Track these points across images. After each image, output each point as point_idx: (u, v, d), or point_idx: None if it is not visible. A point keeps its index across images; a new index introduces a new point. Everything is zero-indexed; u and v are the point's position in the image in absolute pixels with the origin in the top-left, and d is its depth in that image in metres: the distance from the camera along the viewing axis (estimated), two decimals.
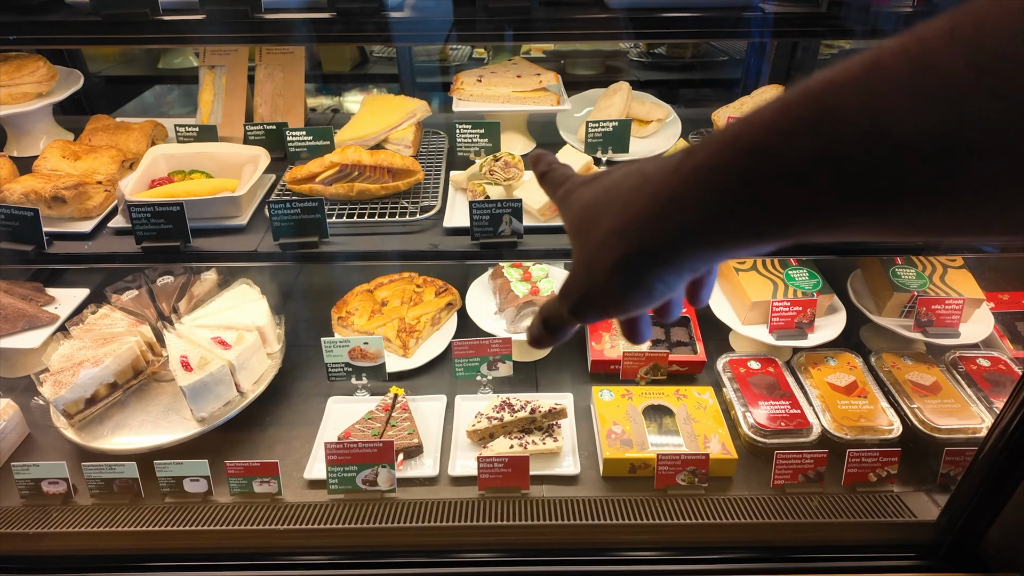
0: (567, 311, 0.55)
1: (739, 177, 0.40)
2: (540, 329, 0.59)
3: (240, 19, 1.35)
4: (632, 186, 0.49)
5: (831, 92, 0.35)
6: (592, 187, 0.54)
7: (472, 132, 1.79)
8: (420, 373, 2.02)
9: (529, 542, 1.60)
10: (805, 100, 0.36)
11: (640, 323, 0.59)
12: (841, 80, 0.35)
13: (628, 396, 1.82)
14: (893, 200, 0.34)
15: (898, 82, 0.32)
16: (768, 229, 0.41)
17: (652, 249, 0.47)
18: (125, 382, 1.81)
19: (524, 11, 1.36)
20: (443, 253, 1.53)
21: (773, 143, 0.38)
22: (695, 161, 0.43)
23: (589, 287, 0.52)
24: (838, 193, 0.36)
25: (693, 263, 0.47)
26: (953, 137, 0.31)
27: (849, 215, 0.37)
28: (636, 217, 0.47)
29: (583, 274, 0.52)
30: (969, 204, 0.33)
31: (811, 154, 0.36)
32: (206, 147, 1.78)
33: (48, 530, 1.57)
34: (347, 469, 1.61)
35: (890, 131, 0.33)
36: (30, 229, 1.50)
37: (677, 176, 0.44)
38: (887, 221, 0.36)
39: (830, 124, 0.35)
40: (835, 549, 1.59)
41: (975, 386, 1.81)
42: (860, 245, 1.53)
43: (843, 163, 0.35)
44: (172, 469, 1.60)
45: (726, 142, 0.41)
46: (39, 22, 1.38)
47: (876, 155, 0.33)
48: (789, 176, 0.38)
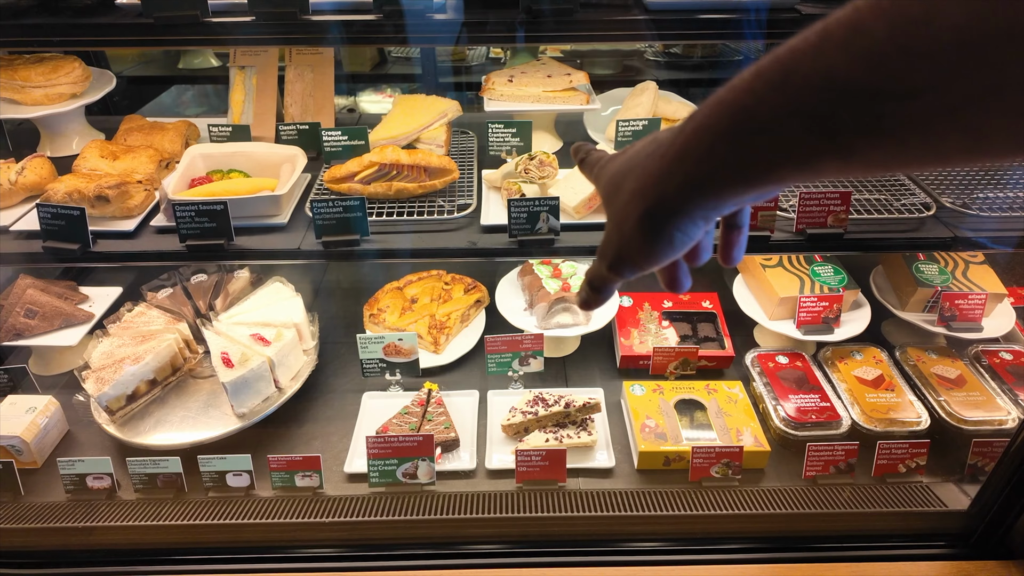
0: (606, 268, 0.62)
1: (726, 133, 0.48)
2: (587, 290, 0.67)
3: (288, 20, 1.38)
4: (648, 152, 0.57)
5: (793, 57, 0.42)
6: (618, 160, 0.62)
7: (504, 131, 1.81)
8: (450, 369, 2.05)
9: (568, 533, 1.63)
10: (773, 64, 0.44)
11: (678, 271, 0.66)
12: (800, 46, 0.42)
13: (659, 391, 1.85)
14: (845, 138, 0.42)
15: (840, 45, 0.39)
16: (755, 174, 0.48)
17: (667, 202, 0.54)
18: (164, 379, 1.84)
19: (568, 13, 1.39)
20: (482, 250, 1.56)
21: (750, 103, 0.45)
22: (694, 123, 0.50)
23: (621, 243, 0.59)
24: (805, 138, 0.43)
25: (703, 211, 0.53)
26: (877, 86, 0.38)
27: (816, 155, 0.44)
28: (652, 176, 0.55)
29: (615, 233, 0.59)
30: (901, 139, 0.40)
31: (780, 108, 0.44)
32: (243, 147, 1.81)
33: (95, 524, 1.59)
34: (388, 463, 1.64)
35: (835, 84, 0.40)
36: (76, 228, 1.52)
37: (681, 137, 0.52)
38: (846, 158, 0.43)
39: (793, 83, 0.42)
40: (867, 538, 1.62)
41: (999, 379, 1.85)
42: (881, 242, 1.56)
43: (805, 113, 0.42)
44: (215, 464, 1.63)
45: (715, 104, 0.48)
46: (90, 24, 1.40)
47: (828, 104, 0.41)
48: (765, 128, 0.45)
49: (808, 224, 1.51)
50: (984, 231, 1.57)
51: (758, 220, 1.50)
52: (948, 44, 0.35)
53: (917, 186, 1.69)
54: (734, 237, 0.68)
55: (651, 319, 2.09)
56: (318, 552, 1.62)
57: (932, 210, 1.59)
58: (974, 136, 0.38)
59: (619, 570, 1.57)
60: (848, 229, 1.51)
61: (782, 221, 1.55)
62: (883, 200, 1.64)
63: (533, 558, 1.61)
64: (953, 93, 0.36)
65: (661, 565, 1.58)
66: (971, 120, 0.37)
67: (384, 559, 1.61)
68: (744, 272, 2.12)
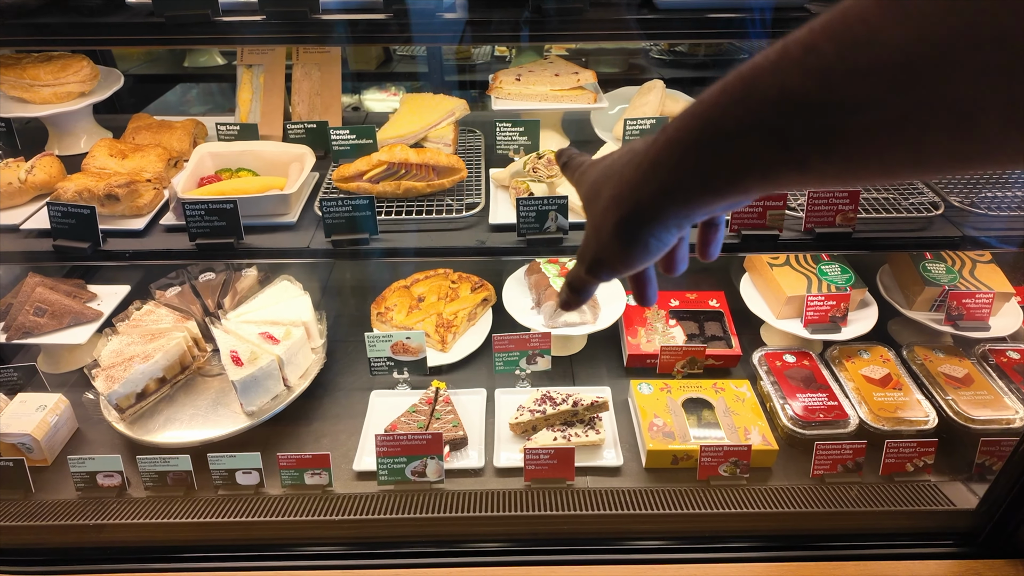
0: (584, 271, 0.64)
1: (694, 145, 0.50)
2: (567, 292, 0.70)
3: (299, 20, 1.38)
4: (625, 161, 0.59)
5: (754, 73, 0.45)
6: (598, 166, 0.64)
7: (512, 130, 1.82)
8: (457, 367, 2.06)
9: (576, 531, 1.64)
10: (736, 80, 0.46)
11: (647, 287, 0.71)
12: (761, 63, 0.44)
13: (667, 389, 1.85)
14: (800, 151, 0.44)
15: (795, 62, 0.42)
16: (720, 185, 0.50)
17: (641, 210, 0.55)
18: (173, 377, 1.84)
19: (577, 12, 1.39)
20: (491, 249, 1.57)
21: (716, 116, 0.48)
22: (666, 134, 0.52)
23: (598, 248, 0.61)
24: (764, 151, 0.45)
25: (676, 219, 0.55)
26: (827, 101, 0.41)
27: (774, 167, 0.46)
28: (628, 184, 0.56)
29: (593, 238, 0.61)
30: (849, 152, 0.42)
31: (742, 121, 0.46)
32: (252, 145, 1.81)
33: (106, 521, 1.60)
34: (397, 461, 1.64)
35: (790, 99, 0.42)
36: (86, 226, 1.52)
37: (655, 147, 0.53)
38: (802, 170, 0.45)
39: (754, 97, 0.44)
40: (875, 537, 1.63)
41: (1006, 378, 1.85)
42: (889, 241, 1.57)
43: (764, 126, 0.44)
44: (225, 462, 1.64)
45: (686, 116, 0.50)
46: (101, 24, 1.40)
47: (784, 117, 0.43)
48: (728, 141, 0.47)
49: (817, 223, 1.52)
50: (992, 230, 1.57)
51: (767, 219, 1.50)
52: (888, 64, 0.38)
53: (925, 185, 1.70)
54: (711, 235, 0.71)
55: (658, 318, 2.10)
56: (327, 550, 1.63)
57: (940, 209, 1.59)
58: (915, 150, 0.40)
59: (627, 568, 1.58)
60: (856, 228, 1.51)
61: (791, 220, 1.55)
62: (891, 199, 1.64)
63: (541, 556, 1.61)
64: (893, 109, 0.39)
65: (669, 563, 1.59)
66: (911, 135, 0.39)
67: (393, 557, 1.62)
68: (751, 271, 2.12)
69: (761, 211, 1.49)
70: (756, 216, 1.50)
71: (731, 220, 1.50)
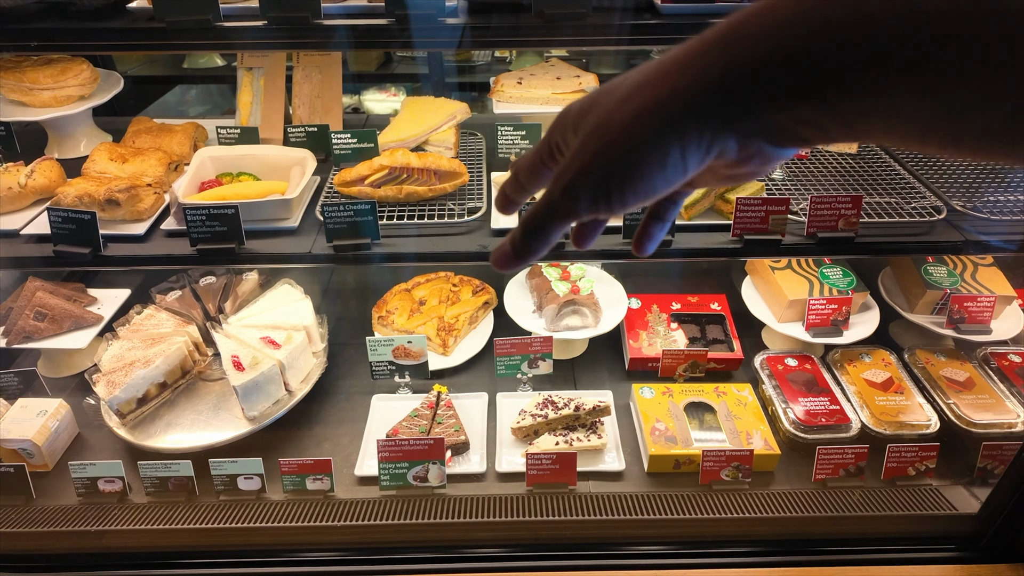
0: (559, 192, 0.47)
1: (817, 14, 0.39)
2: (517, 233, 0.51)
3: (301, 25, 1.38)
4: (644, 66, 0.46)
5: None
6: (587, 95, 0.50)
7: (514, 134, 1.81)
8: (459, 371, 2.05)
9: (578, 536, 1.63)
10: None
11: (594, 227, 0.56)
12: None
13: (668, 393, 1.85)
14: (957, 63, 0.35)
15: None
16: (821, 79, 0.39)
17: (685, 93, 0.42)
18: (174, 382, 1.84)
19: (580, 17, 1.39)
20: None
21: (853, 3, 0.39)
22: (757, 2, 0.42)
23: (595, 151, 0.45)
24: (913, 46, 0.36)
25: (721, 124, 0.43)
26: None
27: (902, 76, 0.37)
28: (669, 61, 0.44)
29: (592, 140, 0.46)
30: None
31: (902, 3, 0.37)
32: (252, 149, 1.81)
33: (107, 527, 1.60)
34: (399, 466, 1.64)
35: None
36: (87, 232, 1.52)
37: (740, 12, 0.42)
38: (935, 97, 0.37)
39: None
40: (877, 541, 1.63)
41: (1007, 381, 1.85)
42: (892, 246, 1.56)
43: (925, 12, 0.35)
44: (227, 467, 1.63)
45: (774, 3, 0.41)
46: (103, 29, 1.40)
47: (965, 8, 0.34)
48: (868, 19, 0.37)
49: (819, 228, 1.51)
50: (993, 234, 1.57)
51: (769, 224, 1.50)
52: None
53: (927, 189, 1.69)
54: (655, 229, 0.59)
55: (660, 321, 2.09)
56: (329, 556, 1.63)
57: (942, 213, 1.59)
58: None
59: (630, 573, 1.58)
60: (859, 232, 1.51)
61: (793, 225, 1.55)
62: (893, 204, 1.63)
63: (543, 561, 1.61)
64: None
65: (672, 568, 1.59)
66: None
67: (395, 563, 1.62)
68: (753, 274, 2.12)
69: (764, 216, 1.49)
70: (759, 221, 1.49)
71: (734, 225, 1.49)
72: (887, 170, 1.79)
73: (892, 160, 1.83)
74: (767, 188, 1.70)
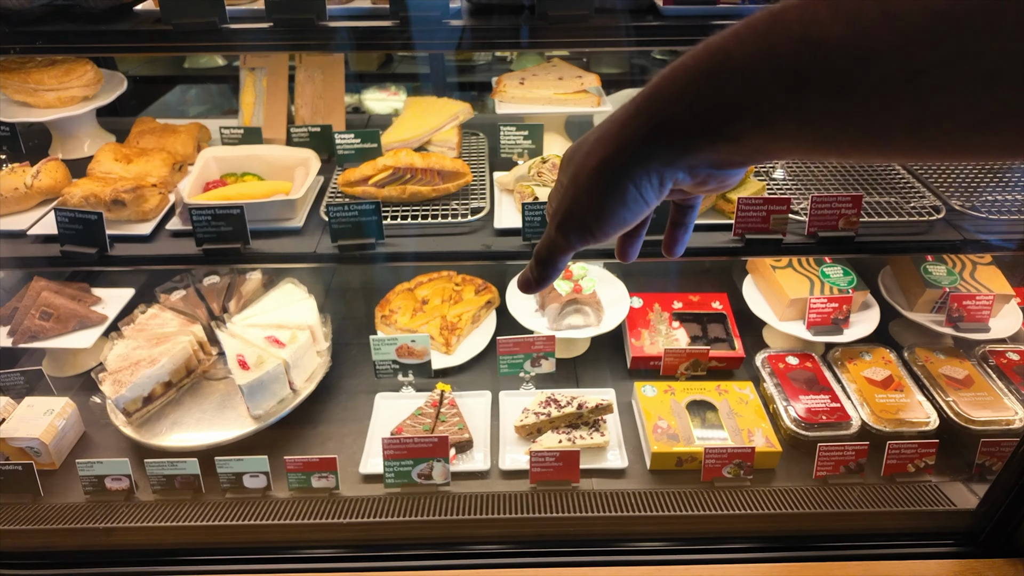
0: (555, 230, 0.60)
1: (701, 73, 0.47)
2: (533, 264, 0.64)
3: (306, 27, 1.39)
4: (623, 105, 0.55)
5: (783, 9, 0.43)
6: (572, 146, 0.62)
7: (516, 134, 1.83)
8: (462, 370, 2.07)
9: (581, 533, 1.65)
10: (764, 15, 0.44)
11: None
12: (793, 2, 0.43)
13: (671, 392, 1.87)
14: (807, 95, 0.42)
15: (827, 2, 0.41)
16: (716, 123, 0.48)
17: (627, 146, 0.52)
18: (179, 381, 1.85)
19: (582, 19, 1.40)
20: (496, 253, 1.58)
21: (731, 45, 0.46)
22: (670, 67, 0.50)
23: (574, 198, 0.57)
24: (771, 89, 0.44)
25: (659, 164, 0.52)
26: (854, 45, 0.39)
27: (775, 111, 0.44)
28: (617, 122, 0.53)
29: (571, 188, 0.57)
30: (857, 104, 0.41)
31: (757, 54, 0.44)
32: (256, 150, 1.82)
33: (114, 525, 1.61)
34: (403, 463, 1.65)
35: (815, 38, 0.41)
36: (94, 232, 1.53)
37: (654, 79, 0.51)
38: (802, 120, 0.44)
39: (776, 32, 0.43)
40: (877, 537, 1.64)
41: (1006, 379, 1.87)
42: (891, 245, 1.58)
43: (778, 63, 0.43)
44: (232, 465, 1.65)
45: (698, 47, 0.48)
46: (109, 31, 1.41)
47: (804, 57, 0.42)
48: (737, 72, 0.45)
49: (820, 227, 1.53)
50: (992, 233, 1.59)
51: (770, 223, 1.51)
52: (926, 12, 0.36)
53: (927, 188, 1.71)
54: (679, 234, 0.71)
55: (661, 320, 2.11)
56: (334, 552, 1.64)
57: (942, 213, 1.61)
58: (924, 112, 0.39)
59: (632, 569, 1.59)
60: (859, 232, 1.53)
61: (794, 224, 1.57)
62: (893, 203, 1.65)
63: (547, 558, 1.63)
64: (918, 61, 0.37)
65: (674, 564, 1.60)
66: (927, 92, 0.38)
67: (400, 559, 1.63)
68: (754, 273, 2.13)
69: (765, 215, 1.50)
70: (760, 220, 1.51)
71: (735, 225, 1.51)
72: (887, 170, 1.80)
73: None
74: (768, 188, 1.71)
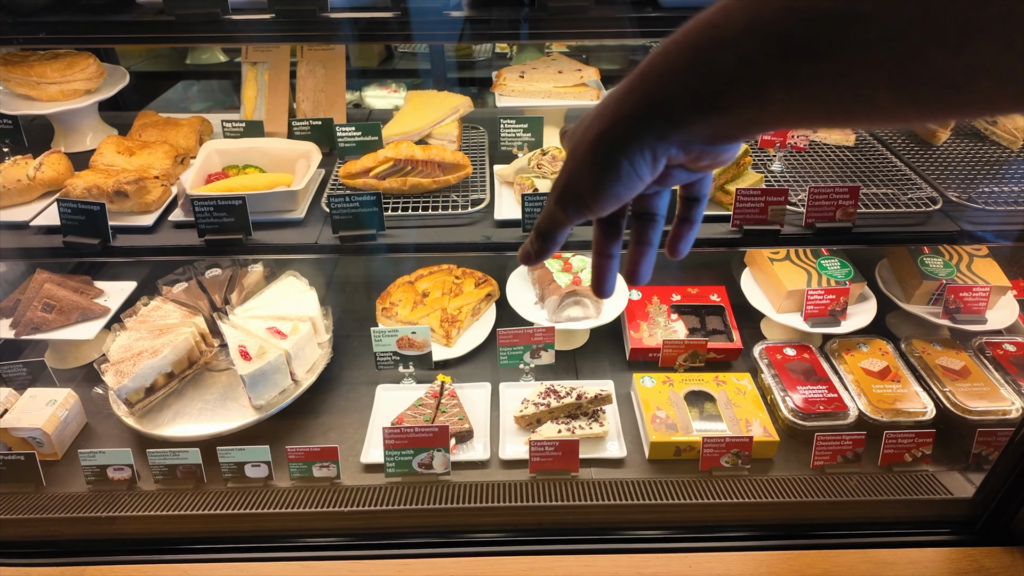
0: (553, 203, 0.61)
1: (690, 47, 0.48)
2: (532, 238, 0.65)
3: (308, 18, 1.40)
4: (600, 100, 0.58)
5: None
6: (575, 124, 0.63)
7: (516, 127, 1.84)
8: (462, 362, 2.08)
9: (580, 521, 1.66)
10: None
11: (607, 275, 0.69)
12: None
13: (669, 383, 1.88)
14: (794, 61, 0.43)
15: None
16: (708, 94, 0.49)
17: (621, 122, 0.53)
18: (181, 372, 1.86)
19: (582, 10, 1.41)
20: (496, 244, 1.59)
21: (719, 19, 0.47)
22: (662, 43, 0.51)
23: (572, 171, 0.58)
24: (760, 59, 0.45)
25: (653, 139, 0.52)
26: (837, 7, 0.40)
27: (764, 79, 0.45)
28: (614, 98, 0.55)
29: (569, 162, 0.59)
30: (842, 68, 0.42)
31: (745, 24, 0.45)
32: (258, 142, 1.83)
33: (117, 514, 1.62)
34: (404, 453, 1.67)
35: (797, 4, 0.42)
36: (96, 223, 1.54)
37: (648, 57, 0.52)
38: (790, 87, 0.45)
39: (762, 1, 0.44)
40: (874, 525, 1.66)
41: (1002, 370, 1.88)
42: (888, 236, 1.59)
43: (765, 30, 0.44)
44: (234, 455, 1.66)
45: (688, 23, 0.49)
46: (112, 22, 1.42)
47: (789, 22, 0.43)
48: (726, 43, 0.46)
49: (817, 218, 1.54)
50: (989, 225, 1.60)
51: (768, 214, 1.52)
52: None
53: (923, 180, 1.72)
54: (684, 230, 0.70)
55: (660, 312, 2.12)
56: (336, 541, 1.65)
57: (938, 204, 1.62)
58: (907, 71, 0.40)
59: (631, 557, 1.61)
60: (856, 223, 1.54)
61: (791, 215, 1.58)
62: (890, 195, 1.66)
63: (546, 546, 1.64)
64: (898, 20, 0.39)
65: (672, 552, 1.61)
66: (909, 51, 0.39)
67: (400, 547, 1.64)
68: (752, 265, 2.15)
69: (763, 206, 1.51)
70: (758, 211, 1.52)
71: (733, 216, 1.52)
72: (884, 162, 1.82)
73: (889, 152, 1.85)
74: (766, 179, 1.73)
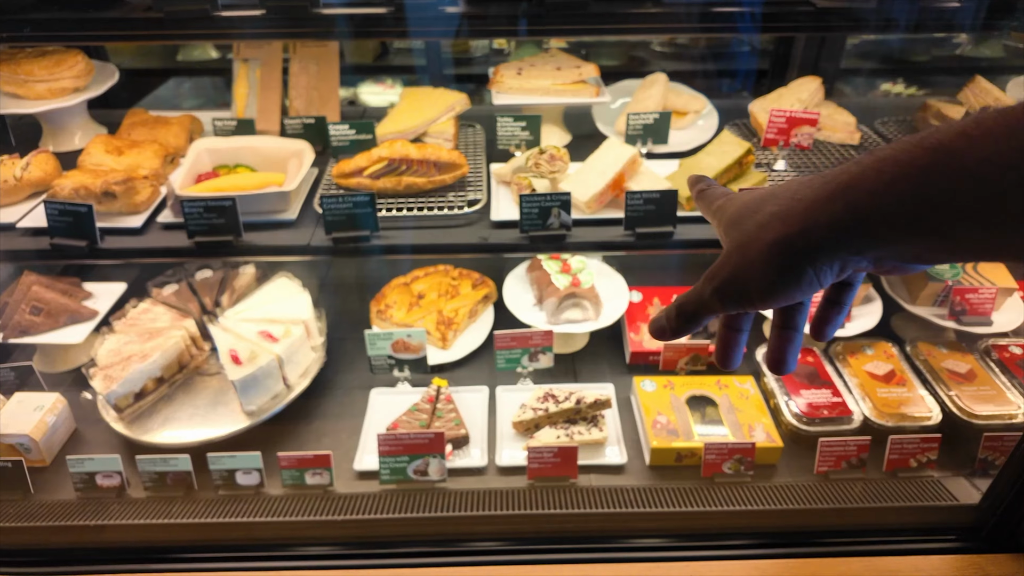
0: (710, 292, 0.57)
1: (920, 170, 0.44)
2: (674, 315, 0.60)
3: (300, 15, 1.36)
4: (802, 183, 0.53)
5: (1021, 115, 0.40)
6: (754, 192, 0.58)
7: (513, 125, 1.80)
8: (459, 365, 2.04)
9: (579, 529, 1.63)
10: (996, 117, 0.41)
11: (734, 349, 0.65)
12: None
13: (670, 386, 1.85)
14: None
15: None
16: (930, 222, 0.45)
17: (816, 231, 0.49)
18: (171, 376, 1.82)
19: (581, 6, 1.37)
20: (493, 246, 1.55)
21: (959, 145, 0.42)
22: (876, 156, 0.47)
23: (739, 266, 0.54)
24: (1009, 192, 0.40)
25: (849, 253, 0.49)
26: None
27: (1000, 218, 0.42)
28: (803, 202, 0.50)
29: (735, 255, 0.55)
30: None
31: (995, 157, 0.40)
32: (249, 141, 1.79)
33: (105, 522, 1.59)
34: (399, 460, 1.63)
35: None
36: (84, 224, 1.50)
37: (857, 166, 0.48)
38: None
39: (1018, 135, 0.39)
40: (879, 532, 1.62)
41: (1009, 373, 1.85)
42: None
43: (1015, 167, 0.40)
44: (225, 462, 1.62)
45: (911, 142, 0.45)
46: (100, 19, 1.38)
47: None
48: (968, 174, 0.42)
49: None
50: None
51: None
52: None
53: None
54: (832, 314, 0.66)
55: None
56: (329, 550, 1.62)
57: None
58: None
59: (631, 566, 1.57)
60: None
61: None
62: None
63: (545, 555, 1.60)
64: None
65: (674, 561, 1.58)
66: None
67: (395, 556, 1.61)
68: None
69: None
70: None
71: None
72: None
73: None
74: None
